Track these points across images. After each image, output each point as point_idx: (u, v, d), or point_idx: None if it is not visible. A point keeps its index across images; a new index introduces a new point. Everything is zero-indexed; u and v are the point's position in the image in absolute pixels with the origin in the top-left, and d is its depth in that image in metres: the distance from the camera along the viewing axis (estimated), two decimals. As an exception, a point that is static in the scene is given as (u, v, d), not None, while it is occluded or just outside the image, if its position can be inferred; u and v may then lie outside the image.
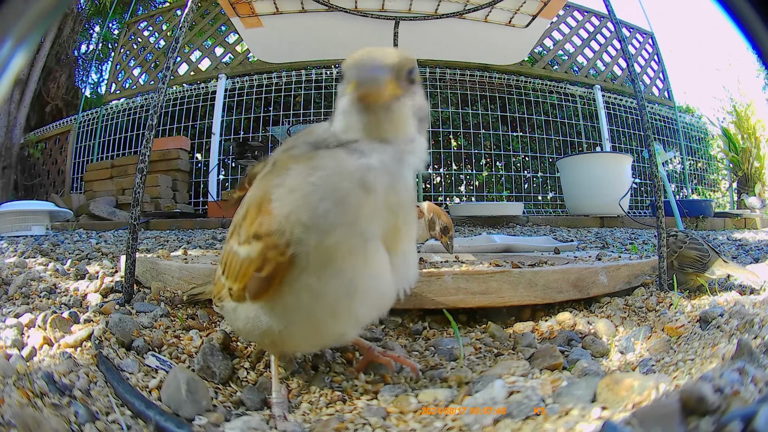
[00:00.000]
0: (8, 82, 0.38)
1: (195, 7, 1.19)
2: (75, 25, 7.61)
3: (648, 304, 1.01)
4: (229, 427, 0.54)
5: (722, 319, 0.78)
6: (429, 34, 2.17)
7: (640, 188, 5.89)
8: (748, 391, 0.44)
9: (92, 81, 8.51)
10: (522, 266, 1.22)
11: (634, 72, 1.24)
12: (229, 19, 1.99)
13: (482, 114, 5.63)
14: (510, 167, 5.81)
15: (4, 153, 6.60)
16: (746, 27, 0.41)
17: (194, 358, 0.72)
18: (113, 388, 0.62)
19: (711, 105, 16.35)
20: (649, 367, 0.71)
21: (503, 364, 0.69)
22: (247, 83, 5.55)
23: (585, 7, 6.00)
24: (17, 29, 0.36)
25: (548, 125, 5.76)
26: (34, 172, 6.77)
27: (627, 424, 0.42)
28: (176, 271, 1.09)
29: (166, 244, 2.57)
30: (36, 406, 0.54)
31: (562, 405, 0.51)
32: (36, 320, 0.83)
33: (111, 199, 4.98)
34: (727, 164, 7.01)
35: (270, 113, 5.52)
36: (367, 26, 2.06)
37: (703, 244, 1.17)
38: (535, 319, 1.00)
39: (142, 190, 1.05)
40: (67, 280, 1.23)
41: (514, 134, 5.79)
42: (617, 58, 6.04)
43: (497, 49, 2.36)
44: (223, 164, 5.68)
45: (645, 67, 6.23)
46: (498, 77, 5.62)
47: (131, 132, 5.78)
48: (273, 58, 2.52)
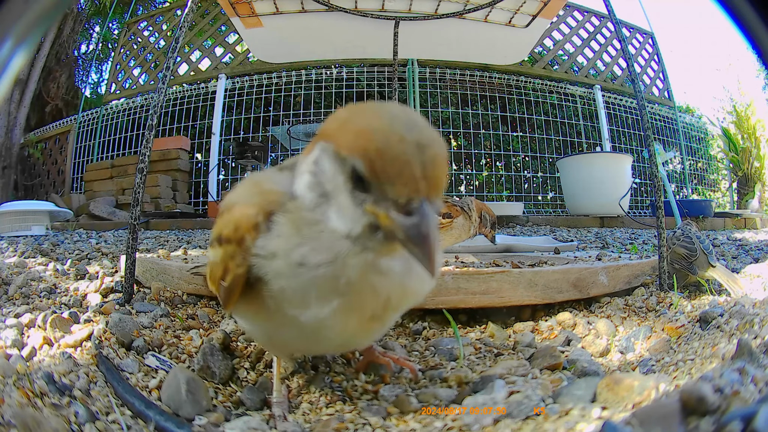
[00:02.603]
0: (8, 82, 0.38)
1: (195, 7, 1.20)
2: (75, 25, 7.61)
3: (648, 304, 1.01)
4: (229, 427, 0.54)
5: (722, 319, 0.78)
6: (429, 34, 2.17)
7: (640, 188, 5.89)
8: (748, 391, 0.44)
9: (92, 81, 8.53)
10: (522, 266, 1.22)
11: (634, 72, 1.24)
12: (229, 19, 1.99)
13: (482, 114, 5.63)
14: (510, 167, 5.81)
15: (4, 153, 6.60)
16: (746, 27, 0.41)
17: (194, 358, 0.72)
18: (113, 388, 0.62)
19: (711, 105, 16.38)
20: (649, 367, 0.71)
21: (503, 364, 0.69)
22: (247, 83, 5.55)
23: (585, 7, 6.00)
24: (17, 29, 0.36)
25: (548, 125, 5.76)
26: (34, 172, 6.77)
27: (627, 424, 0.42)
28: (176, 271, 1.09)
29: (166, 244, 2.57)
30: (36, 406, 0.54)
31: (562, 405, 0.51)
32: (36, 320, 0.83)
33: (111, 199, 4.98)
34: (727, 164, 7.01)
35: (270, 113, 5.52)
36: (367, 26, 2.06)
37: (694, 244, 1.17)
38: (535, 319, 1.00)
39: (142, 190, 1.05)
40: (67, 280, 1.23)
41: (514, 134, 5.79)
42: (617, 58, 6.04)
43: (497, 49, 2.36)
44: (223, 164, 5.68)
45: (645, 67, 6.23)
46: (498, 77, 5.62)
47: (131, 132, 5.79)
48: (273, 58, 2.52)
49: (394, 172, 0.37)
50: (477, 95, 5.61)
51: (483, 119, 5.67)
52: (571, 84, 5.94)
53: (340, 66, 5.61)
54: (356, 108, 0.42)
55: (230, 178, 5.68)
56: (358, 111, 0.42)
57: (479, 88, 5.59)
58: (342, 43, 2.29)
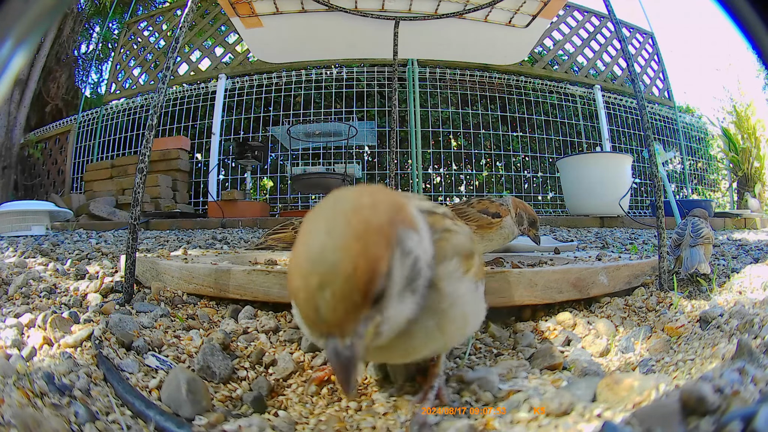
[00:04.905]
0: (8, 82, 0.38)
1: (195, 7, 1.20)
2: (75, 25, 7.62)
3: (648, 304, 1.01)
4: (229, 427, 0.54)
5: (722, 319, 0.78)
6: (429, 34, 2.17)
7: (640, 188, 5.89)
8: (748, 391, 0.44)
9: (92, 81, 8.53)
10: (522, 266, 1.22)
11: (634, 72, 1.24)
12: (229, 19, 1.99)
13: (482, 114, 5.63)
14: (510, 167, 5.82)
15: (4, 153, 6.60)
16: (746, 27, 0.41)
17: (194, 358, 0.72)
18: (113, 388, 0.62)
19: (711, 105, 16.39)
20: (649, 367, 0.71)
21: (503, 364, 0.69)
22: (247, 83, 5.55)
23: (585, 7, 6.00)
24: (17, 29, 0.36)
25: (548, 125, 5.77)
26: (34, 172, 6.77)
27: (627, 424, 0.42)
28: (176, 271, 1.09)
29: (166, 244, 2.57)
30: (36, 406, 0.54)
31: (562, 405, 0.51)
32: (36, 320, 0.83)
33: (111, 199, 4.99)
34: (727, 164, 7.02)
35: (270, 113, 5.52)
36: (367, 26, 2.06)
37: (685, 230, 1.21)
38: (535, 319, 1.00)
39: (142, 190, 1.05)
40: (67, 280, 1.23)
41: (514, 134, 5.80)
42: (617, 58, 6.04)
43: (497, 49, 2.36)
44: (223, 164, 5.68)
45: (645, 67, 6.24)
46: (498, 77, 5.62)
47: (131, 132, 5.79)
48: (273, 58, 2.52)
49: (302, 317, 0.40)
50: (477, 95, 5.61)
51: (483, 119, 5.67)
52: (571, 84, 5.94)
53: (340, 66, 5.61)
54: (303, 225, 0.43)
55: (230, 178, 5.68)
56: (301, 232, 0.42)
57: (479, 88, 5.59)
58: (342, 43, 2.29)
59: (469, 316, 0.54)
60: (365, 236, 0.38)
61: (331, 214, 0.41)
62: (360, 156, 6.04)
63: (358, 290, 0.37)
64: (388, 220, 0.40)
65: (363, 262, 0.37)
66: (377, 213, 0.40)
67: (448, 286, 0.48)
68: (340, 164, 4.97)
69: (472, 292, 0.54)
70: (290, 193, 5.49)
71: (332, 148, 5.47)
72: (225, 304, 1.04)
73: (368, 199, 0.41)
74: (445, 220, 0.53)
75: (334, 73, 5.60)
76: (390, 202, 0.43)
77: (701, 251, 1.16)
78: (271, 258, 1.45)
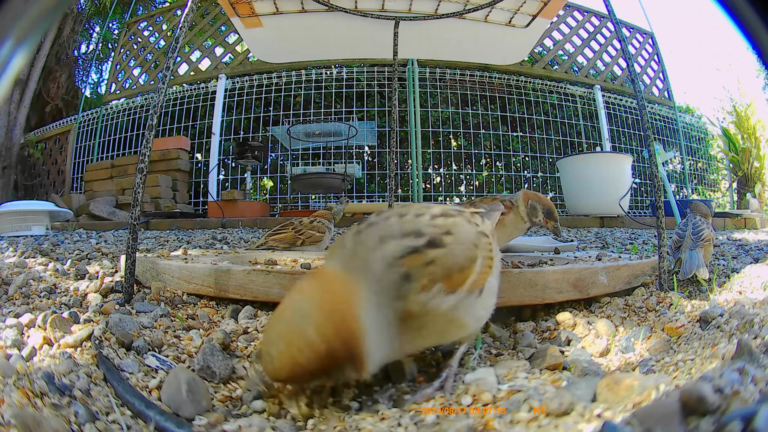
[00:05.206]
0: (8, 82, 0.38)
1: (195, 7, 1.20)
2: (75, 25, 7.62)
3: (648, 304, 1.01)
4: (229, 427, 0.54)
5: (722, 319, 0.78)
6: (429, 34, 2.17)
7: (640, 188, 5.89)
8: (748, 391, 0.44)
9: (92, 81, 8.54)
10: (522, 266, 1.21)
11: (634, 72, 1.24)
12: (229, 19, 1.99)
13: (482, 114, 5.63)
14: (510, 167, 5.82)
15: (4, 153, 6.60)
16: (746, 27, 0.41)
17: (194, 358, 0.72)
18: (113, 388, 0.62)
19: (711, 105, 16.39)
20: (649, 367, 0.71)
21: (503, 364, 0.69)
22: (247, 83, 5.55)
23: (585, 7, 6.01)
24: (17, 29, 0.36)
25: (548, 125, 5.77)
26: (34, 172, 6.78)
27: (627, 424, 0.42)
28: (176, 271, 1.09)
29: (166, 244, 2.57)
30: (36, 406, 0.54)
31: (562, 405, 0.51)
32: (36, 320, 0.83)
33: (111, 199, 4.99)
34: (727, 164, 7.02)
35: (270, 113, 5.52)
36: (367, 26, 2.07)
37: (686, 231, 1.20)
38: (535, 319, 1.00)
39: (142, 190, 1.05)
40: (67, 280, 1.23)
41: (514, 134, 5.80)
42: (617, 58, 6.04)
43: (497, 49, 2.36)
44: (223, 164, 5.68)
45: (645, 67, 6.24)
46: (498, 77, 5.62)
47: (131, 132, 5.79)
48: (273, 58, 2.53)
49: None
50: (477, 95, 5.62)
51: (483, 119, 5.67)
52: (571, 84, 5.94)
53: (340, 66, 5.61)
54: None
55: (230, 178, 5.68)
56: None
57: (479, 88, 5.60)
58: (342, 43, 2.29)
59: (452, 326, 0.61)
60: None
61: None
62: (360, 156, 6.05)
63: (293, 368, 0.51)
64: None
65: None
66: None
67: (424, 314, 0.56)
68: (340, 164, 4.97)
69: (462, 306, 0.59)
70: (290, 193, 5.49)
71: (332, 148, 5.47)
72: (225, 304, 1.04)
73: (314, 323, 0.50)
74: (433, 250, 0.58)
75: (334, 73, 5.60)
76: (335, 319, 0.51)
77: (701, 254, 1.15)
78: (271, 258, 1.45)
